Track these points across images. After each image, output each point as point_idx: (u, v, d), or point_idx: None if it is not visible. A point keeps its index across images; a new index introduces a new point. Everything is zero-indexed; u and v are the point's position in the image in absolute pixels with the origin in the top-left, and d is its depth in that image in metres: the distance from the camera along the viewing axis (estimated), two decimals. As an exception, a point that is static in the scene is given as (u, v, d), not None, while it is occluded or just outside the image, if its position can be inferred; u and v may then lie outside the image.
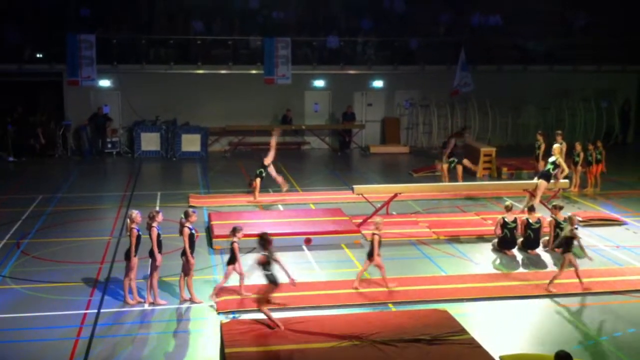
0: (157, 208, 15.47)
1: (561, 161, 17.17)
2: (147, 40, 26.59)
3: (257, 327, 9.61)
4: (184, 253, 11.21)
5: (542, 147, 19.72)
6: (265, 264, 9.84)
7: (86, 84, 25.19)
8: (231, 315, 10.67)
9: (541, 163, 19.64)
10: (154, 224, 11.11)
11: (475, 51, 27.02)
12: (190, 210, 11.62)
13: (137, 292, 11.29)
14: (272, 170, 18.20)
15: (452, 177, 19.61)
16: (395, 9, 29.10)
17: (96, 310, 10.97)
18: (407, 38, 28.15)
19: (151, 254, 11.15)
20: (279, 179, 18.42)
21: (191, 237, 11.24)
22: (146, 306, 11.14)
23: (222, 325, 9.64)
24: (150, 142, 25.77)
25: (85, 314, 10.89)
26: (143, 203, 17.64)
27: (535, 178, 17.13)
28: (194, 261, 11.29)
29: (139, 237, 11.05)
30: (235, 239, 11.53)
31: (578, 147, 19.66)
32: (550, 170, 16.83)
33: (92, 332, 10.23)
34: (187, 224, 11.22)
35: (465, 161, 19.82)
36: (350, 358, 8.89)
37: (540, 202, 16.35)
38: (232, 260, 11.46)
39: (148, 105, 26.33)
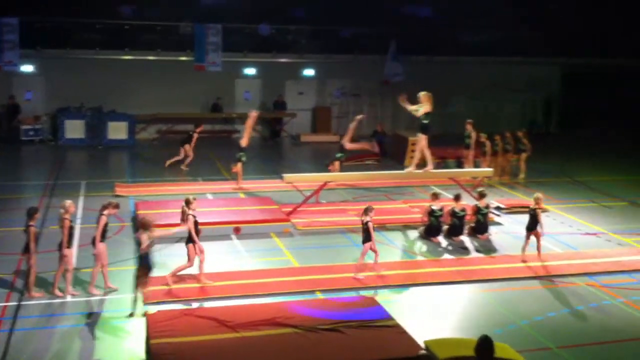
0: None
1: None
2: (72, 25, 25.80)
3: (183, 318, 9.50)
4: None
5: (473, 136, 20.08)
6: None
7: (8, 68, 24.40)
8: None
9: (471, 152, 20.02)
10: (106, 212, 11.07)
11: (407, 42, 27.31)
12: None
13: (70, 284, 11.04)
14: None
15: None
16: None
17: (16, 303, 10.62)
18: (339, 27, 28.20)
19: (93, 242, 11.07)
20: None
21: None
22: (69, 298, 10.86)
23: (147, 316, 9.49)
24: (75, 129, 25.05)
25: (5, 306, 10.53)
26: (67, 192, 17.18)
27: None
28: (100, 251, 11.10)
29: (71, 227, 10.82)
30: (368, 218, 11.93)
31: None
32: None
33: (12, 324, 9.90)
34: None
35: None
36: (276, 346, 8.89)
37: (465, 190, 16.64)
38: (367, 238, 11.88)
39: (73, 92, 25.57)
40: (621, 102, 28.98)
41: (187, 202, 11.46)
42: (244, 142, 18.19)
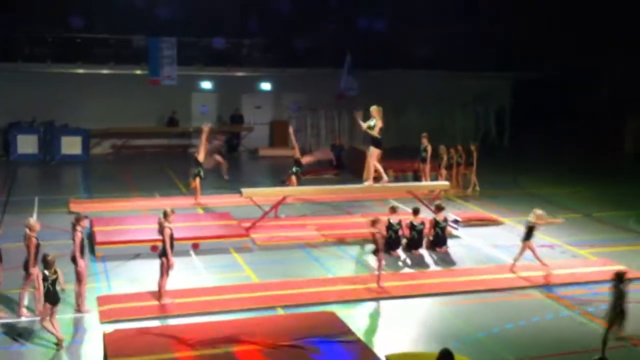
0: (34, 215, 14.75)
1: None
2: (23, 37, 25.30)
3: (141, 336, 9.34)
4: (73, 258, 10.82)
5: (429, 149, 20.22)
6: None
7: (-45, 82, 23.78)
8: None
9: (428, 165, 20.19)
10: (79, 228, 10.76)
11: (360, 55, 27.48)
12: (82, 214, 11.36)
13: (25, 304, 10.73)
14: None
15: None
16: (281, 10, 29.12)
17: (-34, 325, 10.31)
18: (293, 40, 28.23)
19: (73, 259, 10.74)
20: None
21: (82, 242, 10.88)
22: (24, 318, 10.57)
23: (104, 335, 9.30)
24: (27, 144, 24.56)
25: (-46, 328, 10.20)
26: (20, 208, 16.78)
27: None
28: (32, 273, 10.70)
29: (38, 245, 10.55)
30: (376, 230, 12.23)
31: (441, 149, 20.28)
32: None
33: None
34: (79, 228, 10.83)
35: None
36: (238, 364, 8.81)
37: (423, 203, 16.77)
38: (377, 250, 12.16)
39: (25, 106, 25.06)
40: (572, 112, 29.64)
41: (165, 214, 11.19)
42: (200, 156, 18.04)
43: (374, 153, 15.47)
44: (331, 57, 28.10)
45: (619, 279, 9.59)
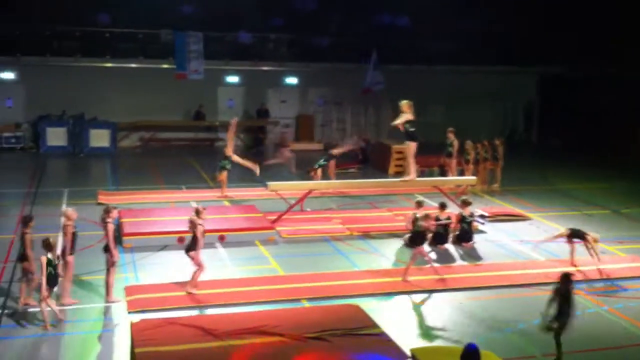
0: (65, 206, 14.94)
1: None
2: (51, 32, 25.62)
3: (167, 326, 9.42)
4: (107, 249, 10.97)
5: (455, 144, 20.16)
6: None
7: (-13, 76, 24.18)
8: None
9: (454, 160, 20.12)
10: (109, 220, 10.88)
11: (385, 51, 27.38)
12: (112, 206, 11.47)
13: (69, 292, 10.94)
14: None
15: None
16: (305, 7, 29.12)
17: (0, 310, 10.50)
18: (318, 35, 28.22)
19: (106, 249, 10.87)
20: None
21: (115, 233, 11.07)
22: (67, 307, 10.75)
23: (131, 325, 9.40)
24: (56, 137, 24.91)
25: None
26: (49, 200, 17.03)
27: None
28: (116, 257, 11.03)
29: (74, 234, 10.71)
30: (426, 225, 12.57)
31: (468, 145, 20.19)
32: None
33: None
34: (109, 220, 10.95)
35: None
36: (262, 354, 8.84)
37: (449, 198, 16.71)
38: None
39: (54, 99, 25.40)
40: (600, 108, 29.27)
41: (197, 212, 11.46)
42: (228, 150, 18.14)
43: (411, 148, 15.47)
44: (356, 52, 28.07)
45: (566, 280, 9.32)
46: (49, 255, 10.01)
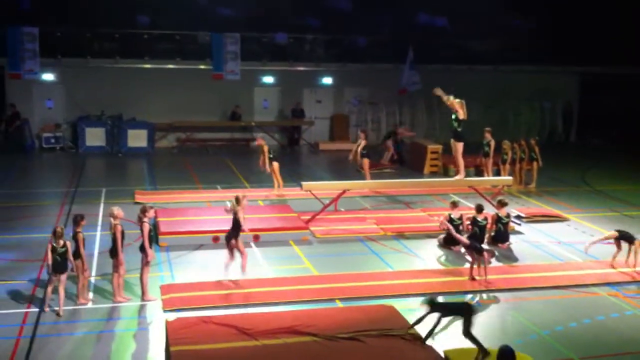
0: (101, 204, 15.14)
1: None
2: (91, 34, 26.06)
3: (202, 325, 9.52)
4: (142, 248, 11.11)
5: (492, 144, 20.01)
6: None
7: (28, 77, 24.68)
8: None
9: (490, 160, 19.96)
10: (146, 219, 11.03)
11: (422, 51, 27.24)
12: (148, 205, 11.63)
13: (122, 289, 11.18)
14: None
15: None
16: (341, 7, 29.12)
17: (38, 309, 10.69)
18: (354, 35, 28.20)
19: (142, 249, 11.05)
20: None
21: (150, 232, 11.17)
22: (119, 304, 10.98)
23: (167, 323, 9.52)
24: (95, 137, 25.31)
25: (26, 312, 10.60)
26: (87, 199, 17.33)
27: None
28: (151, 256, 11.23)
29: (123, 232, 10.92)
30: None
31: (505, 145, 19.98)
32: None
33: (34, 331, 9.97)
34: (145, 219, 11.09)
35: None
36: (295, 354, 8.88)
37: (485, 198, 16.57)
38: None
39: (93, 100, 25.83)
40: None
41: (237, 200, 12.00)
42: (263, 167, 18.49)
43: (458, 147, 15.70)
44: (392, 52, 27.98)
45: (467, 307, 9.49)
46: (54, 244, 10.39)
